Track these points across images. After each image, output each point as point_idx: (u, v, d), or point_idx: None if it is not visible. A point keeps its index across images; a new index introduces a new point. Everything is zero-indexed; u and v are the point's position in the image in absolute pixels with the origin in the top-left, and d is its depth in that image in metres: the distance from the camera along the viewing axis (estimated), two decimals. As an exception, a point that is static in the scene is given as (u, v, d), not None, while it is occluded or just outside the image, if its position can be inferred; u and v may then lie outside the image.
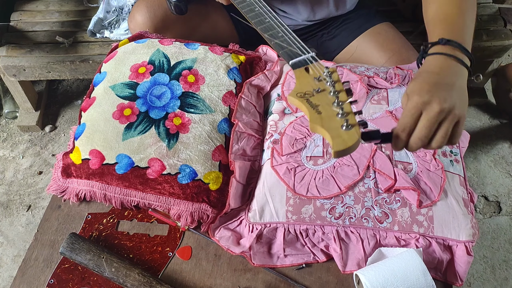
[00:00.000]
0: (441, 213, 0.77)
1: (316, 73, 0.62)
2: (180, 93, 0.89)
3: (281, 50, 0.72)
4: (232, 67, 0.96)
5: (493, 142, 1.72)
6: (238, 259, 0.81)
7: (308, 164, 0.80)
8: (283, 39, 0.74)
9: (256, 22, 0.81)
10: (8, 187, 1.58)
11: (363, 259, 0.77)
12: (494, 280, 1.39)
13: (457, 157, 0.84)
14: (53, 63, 1.45)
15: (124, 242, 0.82)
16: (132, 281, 0.74)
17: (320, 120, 0.55)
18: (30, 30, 1.54)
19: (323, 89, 0.59)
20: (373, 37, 1.14)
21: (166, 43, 0.99)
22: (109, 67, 0.96)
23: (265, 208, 0.79)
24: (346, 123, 0.53)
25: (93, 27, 1.46)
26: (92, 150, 0.84)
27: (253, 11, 0.84)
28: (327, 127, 0.54)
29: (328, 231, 0.78)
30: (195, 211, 0.82)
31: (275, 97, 0.93)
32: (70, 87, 1.90)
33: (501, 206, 1.55)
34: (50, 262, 0.80)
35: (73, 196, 0.86)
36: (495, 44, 1.51)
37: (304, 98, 0.58)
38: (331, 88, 0.58)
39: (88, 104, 0.92)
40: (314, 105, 0.57)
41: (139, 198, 0.83)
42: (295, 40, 0.73)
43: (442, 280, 0.79)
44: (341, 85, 0.58)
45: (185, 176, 0.81)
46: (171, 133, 0.84)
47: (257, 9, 0.84)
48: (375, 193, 0.78)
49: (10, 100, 1.75)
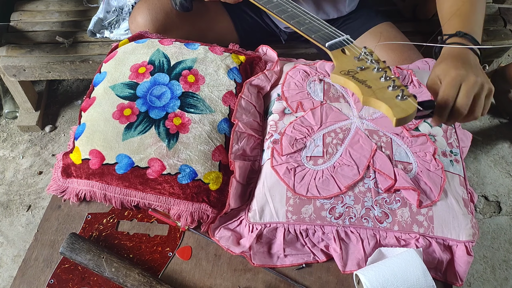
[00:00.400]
0: (441, 213, 0.77)
1: (355, 52, 0.64)
2: (180, 93, 0.89)
3: (313, 34, 0.73)
4: (232, 67, 0.96)
5: (493, 142, 1.72)
6: (238, 259, 0.81)
7: (308, 164, 0.80)
8: (312, 24, 0.75)
9: (278, 11, 0.81)
10: (8, 187, 1.58)
11: (363, 259, 0.77)
12: (494, 280, 1.39)
13: (457, 157, 0.84)
14: (53, 63, 1.45)
15: (124, 242, 0.82)
16: (132, 281, 0.74)
17: (372, 93, 0.56)
18: (30, 30, 1.54)
19: (366, 67, 0.60)
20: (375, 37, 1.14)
21: (166, 43, 0.99)
22: (109, 67, 0.96)
23: (265, 208, 0.79)
24: (401, 93, 0.55)
25: (93, 27, 1.46)
26: (92, 150, 0.84)
27: (272, 2, 0.84)
28: (382, 98, 0.55)
29: (328, 231, 0.78)
30: (195, 211, 0.82)
31: (275, 97, 0.93)
32: (70, 87, 1.90)
33: (501, 206, 1.55)
34: (50, 262, 0.80)
35: (73, 196, 0.86)
36: (495, 44, 1.51)
37: (349, 75, 0.59)
38: (375, 65, 0.60)
39: (88, 104, 0.92)
40: (362, 80, 0.58)
41: (139, 198, 0.83)
42: (324, 24, 0.74)
43: (442, 280, 0.79)
44: (383, 63, 0.60)
45: (185, 176, 0.81)
46: (171, 133, 0.84)
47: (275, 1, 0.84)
48: (375, 193, 0.78)
49: (10, 100, 1.75)
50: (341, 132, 0.83)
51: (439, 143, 0.84)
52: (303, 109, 0.88)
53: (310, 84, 0.92)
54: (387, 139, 0.83)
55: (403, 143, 0.82)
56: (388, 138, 0.83)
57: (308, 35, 0.74)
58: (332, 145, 0.82)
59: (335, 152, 0.81)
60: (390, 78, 0.58)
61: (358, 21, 1.18)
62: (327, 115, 0.86)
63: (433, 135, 0.85)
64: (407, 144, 0.82)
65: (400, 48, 1.10)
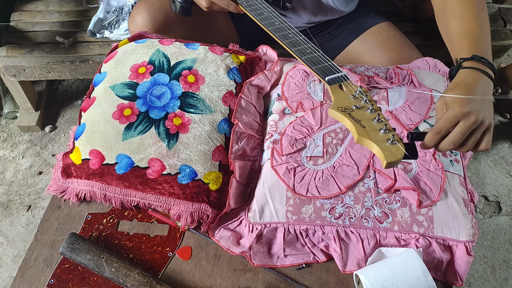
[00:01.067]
0: (441, 213, 0.77)
1: (351, 90, 0.68)
2: (180, 93, 0.89)
3: (314, 66, 0.77)
4: (232, 67, 0.96)
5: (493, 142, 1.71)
6: (238, 259, 0.81)
7: (308, 164, 0.80)
8: (313, 56, 0.79)
9: (280, 36, 0.85)
10: (8, 187, 1.58)
11: (363, 259, 0.77)
12: (494, 280, 1.39)
13: (457, 157, 0.84)
14: (53, 63, 1.45)
15: (124, 242, 0.82)
16: (132, 281, 0.74)
17: (366, 133, 0.60)
18: (30, 30, 1.54)
19: (361, 106, 0.64)
20: (374, 37, 1.14)
21: (166, 43, 0.99)
22: (109, 67, 0.96)
23: (265, 208, 0.79)
24: (392, 138, 0.58)
25: (93, 27, 1.46)
26: (92, 150, 0.84)
27: (274, 25, 0.88)
28: (375, 140, 0.59)
29: (328, 231, 0.78)
30: (195, 211, 0.82)
31: (275, 97, 0.93)
32: (70, 87, 1.90)
33: (501, 206, 1.56)
34: (50, 262, 0.80)
35: (73, 196, 0.86)
36: (495, 44, 1.51)
37: (346, 113, 0.63)
38: (369, 106, 0.64)
39: (88, 104, 0.92)
40: (357, 119, 0.62)
41: (139, 198, 0.83)
42: (324, 57, 0.78)
43: (442, 280, 0.79)
44: (376, 104, 0.64)
45: (185, 176, 0.81)
46: (171, 133, 0.84)
47: (277, 23, 0.87)
48: (375, 193, 0.78)
49: (10, 100, 1.75)
50: (341, 132, 0.83)
51: (439, 143, 0.84)
52: (303, 109, 0.88)
53: (310, 84, 0.92)
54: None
55: (403, 143, 0.82)
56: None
57: (308, 66, 0.77)
58: (332, 145, 0.82)
59: (335, 152, 0.81)
60: (382, 121, 0.61)
61: (358, 21, 1.18)
62: (327, 115, 0.86)
63: (433, 135, 0.85)
64: (407, 144, 0.82)
65: (400, 47, 1.10)
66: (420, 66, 1.01)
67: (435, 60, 1.01)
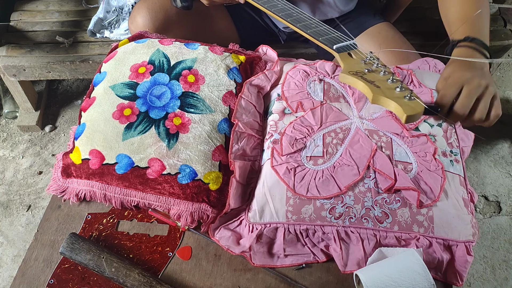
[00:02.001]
0: (441, 213, 0.77)
1: (362, 56, 0.67)
2: (180, 93, 0.89)
3: (320, 37, 0.75)
4: (232, 67, 0.96)
5: (493, 142, 1.72)
6: (238, 259, 0.81)
7: (308, 164, 0.80)
8: (319, 28, 0.77)
9: (283, 15, 0.83)
10: (8, 187, 1.58)
11: (363, 259, 0.77)
12: (494, 280, 1.39)
13: (457, 157, 0.84)
14: (53, 63, 1.45)
15: (124, 242, 0.82)
16: (132, 281, 0.74)
17: (382, 92, 0.58)
18: (30, 30, 1.54)
19: (373, 70, 0.62)
20: (373, 37, 1.14)
21: (166, 43, 0.99)
22: (109, 67, 0.96)
23: (265, 208, 0.79)
24: (409, 94, 0.57)
25: (93, 27, 1.46)
26: (92, 150, 0.84)
27: (277, 7, 0.87)
28: (391, 97, 0.57)
29: (328, 231, 0.78)
30: (195, 211, 0.82)
31: (275, 97, 0.93)
32: (70, 87, 1.90)
33: (501, 206, 1.55)
34: (50, 262, 0.80)
35: (73, 196, 0.86)
36: (495, 44, 1.51)
37: (358, 75, 0.61)
38: (382, 68, 0.62)
39: (88, 104, 0.92)
40: (370, 81, 0.60)
41: (139, 198, 0.83)
42: (331, 29, 0.77)
43: (442, 280, 0.79)
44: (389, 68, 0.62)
45: (185, 176, 0.81)
46: (171, 133, 0.84)
47: (279, 5, 0.87)
48: (375, 193, 0.78)
49: (10, 100, 1.75)
50: (341, 132, 0.83)
51: (439, 143, 0.84)
52: (303, 109, 0.88)
53: (310, 84, 0.92)
54: (387, 139, 0.83)
55: (403, 143, 0.82)
56: (388, 138, 0.83)
57: (315, 38, 0.75)
58: (332, 145, 0.82)
59: (335, 152, 0.81)
60: (397, 81, 0.60)
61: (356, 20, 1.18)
62: (327, 115, 0.86)
63: (433, 135, 0.85)
64: (407, 144, 0.82)
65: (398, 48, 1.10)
66: (420, 67, 1.01)
67: (435, 60, 1.01)
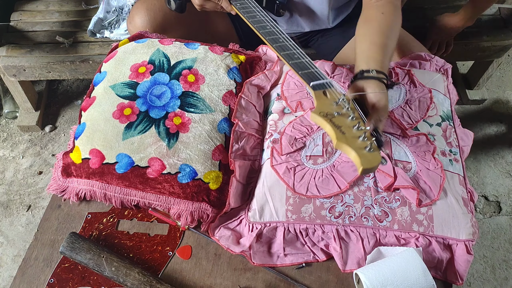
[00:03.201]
0: (441, 212, 0.77)
1: (335, 97, 0.70)
2: (180, 93, 0.89)
3: (300, 71, 0.78)
4: (232, 67, 0.96)
5: (493, 142, 1.72)
6: (238, 258, 0.81)
7: (307, 163, 0.80)
8: (300, 61, 0.80)
9: (270, 39, 0.86)
10: (8, 187, 1.58)
11: (363, 258, 0.77)
12: (494, 280, 1.39)
13: (456, 156, 0.84)
14: (53, 63, 1.45)
15: (124, 242, 0.82)
16: (132, 280, 0.74)
17: (345, 139, 0.62)
18: (30, 30, 1.54)
19: (343, 113, 0.66)
20: None
21: (166, 42, 0.99)
22: (109, 67, 0.96)
23: (265, 207, 0.79)
24: (370, 146, 0.60)
25: (93, 27, 1.46)
26: (92, 149, 0.84)
27: (265, 29, 0.89)
28: (353, 147, 0.60)
29: (328, 230, 0.78)
30: (195, 210, 0.82)
31: (275, 96, 0.93)
32: (70, 87, 1.90)
33: (501, 206, 1.56)
34: (50, 261, 0.80)
35: (73, 196, 0.86)
36: (495, 44, 1.52)
37: (327, 118, 0.65)
38: (351, 113, 0.66)
39: (88, 103, 0.92)
40: (338, 125, 0.64)
41: (139, 198, 0.83)
42: (311, 63, 0.80)
43: (442, 279, 0.79)
44: (358, 113, 0.66)
45: (185, 176, 0.81)
46: (171, 133, 0.84)
47: (268, 27, 0.88)
48: (374, 192, 0.78)
49: (10, 100, 1.75)
50: (341, 132, 0.83)
51: (438, 143, 0.84)
52: (302, 108, 0.88)
53: (310, 84, 0.92)
54: (386, 138, 0.83)
55: (402, 143, 0.83)
56: (388, 137, 0.83)
57: (295, 70, 0.79)
58: (331, 144, 0.82)
59: (334, 151, 0.81)
60: (362, 129, 0.63)
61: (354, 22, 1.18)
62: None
63: (432, 134, 0.85)
64: (406, 143, 0.82)
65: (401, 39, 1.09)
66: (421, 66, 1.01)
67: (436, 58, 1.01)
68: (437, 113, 0.88)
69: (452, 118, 0.90)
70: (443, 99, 0.92)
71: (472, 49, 1.53)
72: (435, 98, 0.90)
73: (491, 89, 1.89)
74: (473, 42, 1.51)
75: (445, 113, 0.89)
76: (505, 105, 1.85)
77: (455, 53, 1.49)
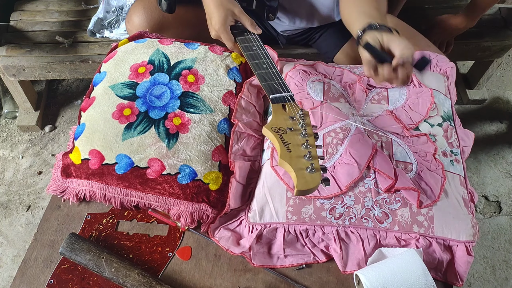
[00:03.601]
0: (441, 213, 0.76)
1: (292, 112, 0.70)
2: (180, 93, 0.89)
3: (263, 82, 0.79)
4: (232, 67, 0.96)
5: (493, 142, 1.72)
6: (238, 259, 0.80)
7: (308, 164, 0.80)
8: (267, 71, 0.81)
9: (243, 47, 0.87)
10: (7, 187, 1.58)
11: (363, 259, 0.77)
12: (494, 280, 1.39)
13: (457, 157, 0.84)
14: (53, 63, 1.45)
15: (124, 242, 0.82)
16: (132, 281, 0.74)
17: (289, 158, 0.62)
18: (30, 30, 1.54)
19: (295, 129, 0.66)
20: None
21: (166, 42, 0.99)
22: (108, 67, 0.96)
23: (265, 208, 0.78)
24: (311, 166, 0.60)
25: (93, 27, 1.46)
26: (92, 150, 0.84)
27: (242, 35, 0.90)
28: (294, 166, 0.60)
29: (328, 231, 0.78)
30: (195, 211, 0.81)
31: (275, 97, 0.93)
32: (69, 87, 1.90)
33: (501, 206, 1.55)
34: (49, 262, 0.80)
35: (72, 196, 0.86)
36: (495, 44, 1.51)
37: (278, 134, 0.65)
38: (303, 130, 0.66)
39: (87, 104, 0.92)
40: (286, 142, 0.64)
41: (138, 198, 0.83)
42: (278, 75, 0.80)
43: (442, 280, 0.79)
44: (311, 129, 0.66)
45: (185, 176, 0.81)
46: (171, 133, 0.84)
47: (245, 33, 0.88)
48: (375, 193, 0.77)
49: (9, 100, 1.75)
50: (341, 132, 0.83)
51: (439, 143, 0.84)
52: (303, 109, 0.88)
53: (310, 84, 0.92)
54: (387, 138, 0.83)
55: (404, 143, 0.82)
56: (389, 138, 0.83)
57: (260, 81, 0.79)
58: (332, 145, 0.82)
59: (335, 152, 0.81)
60: (309, 148, 0.63)
61: None
62: (327, 115, 0.86)
63: (433, 134, 0.85)
64: (408, 144, 0.82)
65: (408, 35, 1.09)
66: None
67: (438, 56, 1.01)
68: (438, 114, 0.88)
69: (453, 118, 0.90)
70: (444, 99, 0.92)
71: (472, 49, 1.53)
72: (436, 98, 0.90)
73: (491, 89, 1.89)
74: (473, 42, 1.51)
75: (446, 114, 0.89)
76: (506, 105, 1.85)
77: (455, 53, 1.49)
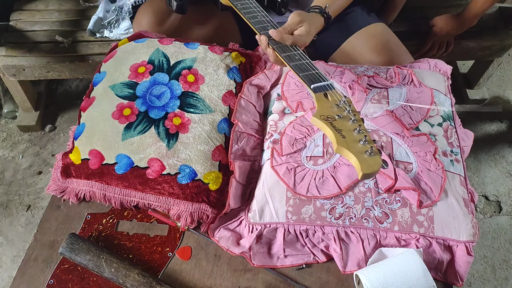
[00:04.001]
0: (441, 213, 0.76)
1: (336, 99, 0.69)
2: (180, 93, 0.89)
3: (300, 72, 0.77)
4: (232, 67, 0.96)
5: (493, 142, 1.72)
6: (238, 259, 0.80)
7: (308, 164, 0.80)
8: (301, 63, 0.79)
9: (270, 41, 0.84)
10: (7, 187, 1.58)
11: (363, 259, 0.77)
12: (495, 280, 1.39)
13: (457, 156, 0.84)
14: (53, 63, 1.45)
15: (124, 242, 0.82)
16: (132, 281, 0.74)
17: (345, 143, 0.61)
18: (29, 29, 1.53)
19: (344, 116, 0.65)
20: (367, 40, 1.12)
21: (165, 42, 0.99)
22: (108, 66, 0.96)
23: (265, 208, 0.78)
24: (371, 149, 0.60)
25: (93, 27, 1.46)
26: (92, 150, 0.84)
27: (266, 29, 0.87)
28: (353, 151, 0.60)
29: (328, 231, 0.78)
30: (194, 211, 0.81)
31: (275, 96, 0.93)
32: (69, 87, 1.90)
33: (501, 205, 1.55)
34: (49, 262, 0.80)
35: (72, 196, 0.86)
36: (495, 44, 1.51)
37: (328, 122, 0.64)
38: (352, 116, 0.65)
39: (87, 104, 0.92)
40: (338, 129, 0.63)
41: (138, 198, 0.83)
42: (312, 65, 0.79)
43: (443, 280, 0.79)
44: (359, 114, 0.66)
45: (185, 176, 0.81)
46: (171, 133, 0.84)
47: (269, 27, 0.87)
48: (375, 193, 0.77)
49: (9, 100, 1.75)
50: (341, 132, 0.83)
51: (439, 143, 0.84)
52: (303, 108, 0.88)
53: (310, 84, 0.92)
54: (387, 138, 0.83)
55: (404, 143, 0.82)
56: (389, 137, 0.83)
57: (296, 72, 0.78)
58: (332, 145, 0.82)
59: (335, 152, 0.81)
60: (363, 132, 0.62)
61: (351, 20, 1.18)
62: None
63: (433, 134, 0.85)
64: (408, 143, 0.82)
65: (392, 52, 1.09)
66: (421, 66, 1.01)
67: (435, 60, 1.01)
68: (438, 113, 0.88)
69: (453, 118, 0.90)
70: (444, 99, 0.92)
71: (472, 48, 1.53)
72: (436, 98, 0.90)
73: (491, 88, 1.89)
74: (473, 41, 1.51)
75: (446, 113, 0.89)
76: (506, 105, 1.84)
77: (455, 53, 1.48)
